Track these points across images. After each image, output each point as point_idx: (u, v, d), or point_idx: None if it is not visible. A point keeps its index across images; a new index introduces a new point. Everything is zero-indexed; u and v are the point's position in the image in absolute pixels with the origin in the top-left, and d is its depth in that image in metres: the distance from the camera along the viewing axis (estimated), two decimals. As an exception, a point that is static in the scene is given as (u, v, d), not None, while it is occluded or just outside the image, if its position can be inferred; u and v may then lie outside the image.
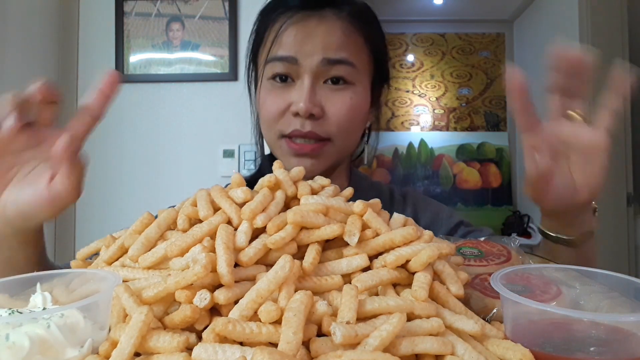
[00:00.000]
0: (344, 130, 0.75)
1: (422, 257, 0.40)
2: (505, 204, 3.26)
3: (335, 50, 0.73)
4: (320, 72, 0.73)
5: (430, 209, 0.88)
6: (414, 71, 3.42)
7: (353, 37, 0.75)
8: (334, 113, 0.73)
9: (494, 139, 3.33)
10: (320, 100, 0.73)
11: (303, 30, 0.73)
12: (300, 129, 0.72)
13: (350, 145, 0.81)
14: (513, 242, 0.59)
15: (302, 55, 0.72)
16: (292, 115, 0.73)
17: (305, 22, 0.73)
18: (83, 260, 0.51)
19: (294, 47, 0.73)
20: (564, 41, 0.52)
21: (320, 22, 0.73)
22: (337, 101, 0.73)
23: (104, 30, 1.93)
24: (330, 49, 0.72)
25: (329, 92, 0.74)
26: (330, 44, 0.73)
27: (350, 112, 0.74)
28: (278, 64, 0.74)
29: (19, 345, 0.32)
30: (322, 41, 0.72)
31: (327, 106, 0.73)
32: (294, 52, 0.73)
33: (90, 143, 0.54)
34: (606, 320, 0.38)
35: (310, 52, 0.72)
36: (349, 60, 0.73)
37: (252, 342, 0.33)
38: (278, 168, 0.50)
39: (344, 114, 0.74)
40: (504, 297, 0.38)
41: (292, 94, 0.73)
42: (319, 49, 0.72)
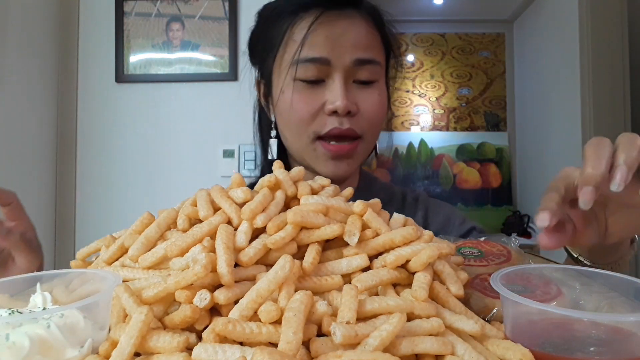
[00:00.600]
0: (374, 127, 0.77)
1: (422, 257, 0.40)
2: (505, 204, 3.26)
3: (365, 50, 0.73)
4: (350, 71, 0.73)
5: (443, 213, 0.87)
6: (414, 71, 3.42)
7: (375, 36, 0.77)
8: (366, 110, 0.74)
9: (494, 139, 3.33)
10: (353, 97, 0.73)
11: (334, 31, 0.72)
12: (340, 127, 0.72)
13: (374, 142, 0.82)
14: (513, 242, 0.59)
15: (334, 55, 0.72)
16: (327, 115, 0.72)
17: (336, 23, 0.73)
18: (83, 260, 0.51)
19: (326, 47, 0.72)
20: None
21: (351, 22, 0.73)
22: (368, 98, 0.74)
23: (104, 30, 1.92)
24: (360, 49, 0.73)
25: (359, 90, 0.74)
26: (360, 44, 0.73)
27: (380, 109, 0.76)
28: (309, 65, 0.72)
29: (19, 345, 0.32)
30: (353, 41, 0.72)
31: (360, 103, 0.74)
32: (326, 52, 0.72)
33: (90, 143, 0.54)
34: (606, 320, 0.38)
35: (343, 53, 0.72)
36: (377, 60, 0.75)
37: (252, 342, 0.33)
38: (278, 168, 0.50)
39: (376, 110, 0.75)
40: (503, 297, 0.38)
41: (325, 93, 0.73)
42: (351, 49, 0.72)
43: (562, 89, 2.52)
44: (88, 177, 1.90)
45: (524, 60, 3.18)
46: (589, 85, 2.23)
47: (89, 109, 1.92)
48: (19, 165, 1.65)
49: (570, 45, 2.36)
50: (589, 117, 2.23)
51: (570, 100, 2.37)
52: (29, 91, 1.73)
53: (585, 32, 2.24)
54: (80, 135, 1.90)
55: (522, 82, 3.23)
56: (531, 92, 3.03)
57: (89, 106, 1.92)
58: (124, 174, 1.92)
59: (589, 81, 2.22)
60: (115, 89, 1.93)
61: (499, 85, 3.38)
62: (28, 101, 1.72)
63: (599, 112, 2.21)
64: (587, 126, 2.24)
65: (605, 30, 2.21)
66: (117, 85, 1.93)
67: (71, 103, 1.90)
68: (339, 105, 0.71)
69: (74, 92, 1.91)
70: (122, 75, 1.92)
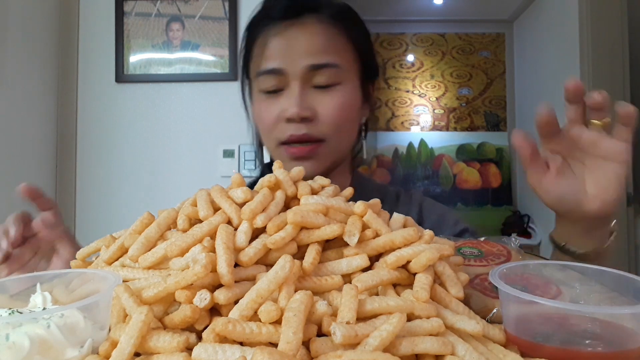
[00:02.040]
0: (337, 130, 0.77)
1: (422, 260, 0.40)
2: (505, 204, 3.26)
3: (319, 55, 0.75)
4: (307, 78, 0.75)
5: (437, 212, 0.88)
6: (414, 71, 3.42)
7: (336, 39, 0.77)
8: (325, 114, 0.75)
9: (494, 139, 3.33)
10: (310, 103, 0.75)
11: (285, 41, 0.76)
12: (295, 133, 0.75)
13: (345, 144, 0.82)
14: (513, 242, 0.59)
15: (287, 64, 0.75)
16: (286, 122, 0.75)
17: (287, 32, 0.76)
18: (83, 260, 0.51)
19: (279, 58, 0.75)
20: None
21: (302, 29, 0.76)
22: (326, 102, 0.76)
23: (104, 30, 1.92)
24: (313, 54, 0.75)
25: (318, 94, 0.76)
26: (313, 49, 0.75)
27: (341, 111, 0.76)
28: (267, 77, 0.76)
29: (19, 345, 0.32)
30: (305, 48, 0.75)
31: (318, 108, 0.75)
32: (279, 63, 0.75)
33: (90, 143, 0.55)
34: (603, 313, 0.39)
35: (295, 60, 0.75)
36: (334, 63, 0.75)
37: (252, 342, 0.33)
38: (278, 168, 0.50)
39: (335, 113, 0.76)
40: (502, 292, 0.38)
41: (283, 101, 0.76)
42: (303, 56, 0.75)
43: (562, 89, 2.51)
44: (88, 177, 1.90)
45: (524, 60, 3.18)
46: (589, 85, 2.22)
47: (89, 109, 1.92)
48: (19, 165, 1.65)
49: (570, 45, 2.36)
50: (589, 117, 2.23)
51: (570, 100, 2.37)
52: (29, 91, 1.73)
53: (585, 32, 2.24)
54: (80, 135, 1.90)
55: (522, 82, 3.23)
56: (531, 92, 3.03)
57: (89, 106, 1.92)
58: (124, 173, 1.92)
59: (589, 81, 2.22)
60: (115, 89, 1.93)
61: (499, 85, 3.38)
62: (28, 101, 1.72)
63: (599, 112, 2.21)
64: (587, 126, 2.24)
65: (605, 30, 2.21)
66: (117, 85, 1.92)
67: (71, 103, 1.90)
68: (293, 113, 0.74)
69: (74, 92, 1.91)
70: (122, 75, 1.92)
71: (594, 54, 2.21)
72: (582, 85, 0.54)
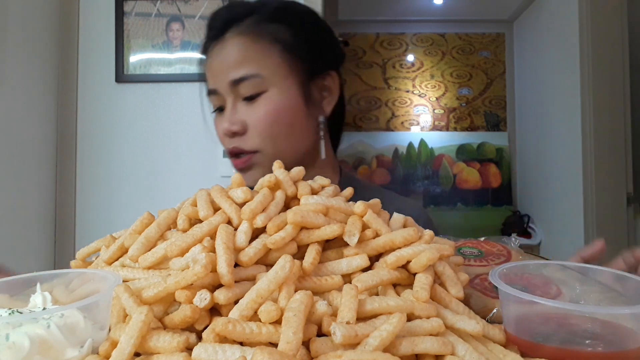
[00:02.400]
0: (268, 138, 0.78)
1: (422, 260, 0.40)
2: (505, 204, 3.25)
3: (237, 69, 0.77)
4: (235, 93, 0.78)
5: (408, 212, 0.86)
6: (414, 71, 3.42)
7: (255, 46, 0.78)
8: (253, 125, 0.77)
9: (494, 139, 3.33)
10: (240, 116, 0.78)
11: (211, 62, 0.80)
12: (228, 147, 0.80)
13: (289, 150, 0.80)
14: (513, 242, 0.59)
15: (217, 84, 0.79)
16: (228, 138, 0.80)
17: (213, 52, 0.80)
18: (83, 260, 0.51)
19: (211, 78, 0.80)
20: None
21: (222, 47, 0.79)
22: (253, 113, 0.77)
23: (104, 30, 1.92)
24: (231, 69, 0.77)
25: (246, 107, 0.78)
26: (231, 65, 0.77)
27: (269, 119, 0.77)
28: (210, 98, 0.83)
29: (19, 345, 0.32)
30: (224, 65, 0.78)
31: (248, 120, 0.78)
32: (212, 84, 0.80)
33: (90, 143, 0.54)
34: (603, 313, 0.39)
35: (220, 78, 0.78)
36: (252, 73, 0.76)
37: (252, 342, 0.33)
38: (278, 168, 0.50)
39: (262, 123, 0.77)
40: (502, 292, 0.38)
41: (222, 118, 0.80)
42: (224, 73, 0.78)
43: (562, 89, 2.52)
44: (88, 177, 1.90)
45: (524, 60, 3.18)
46: (589, 85, 2.22)
47: (89, 109, 1.92)
48: (19, 165, 1.65)
49: (570, 45, 2.36)
50: (588, 117, 2.23)
51: (570, 100, 2.37)
52: (29, 91, 1.73)
53: (585, 32, 2.24)
54: (80, 135, 1.90)
55: (522, 82, 3.23)
56: (531, 92, 3.03)
57: (89, 106, 1.92)
58: (124, 173, 1.92)
59: (589, 81, 2.22)
60: (115, 89, 1.92)
61: (499, 85, 3.38)
62: (28, 101, 1.72)
63: (599, 112, 2.21)
64: (587, 126, 2.24)
65: (605, 30, 2.21)
66: (117, 85, 1.92)
67: (71, 103, 1.90)
68: (224, 129, 0.78)
69: (74, 92, 1.91)
70: (122, 75, 1.92)
71: (594, 54, 2.21)
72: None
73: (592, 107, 2.21)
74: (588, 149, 2.24)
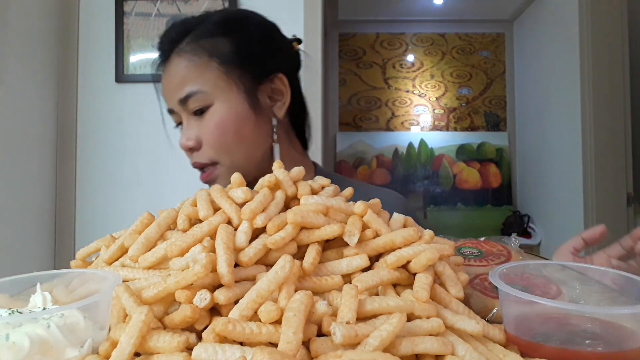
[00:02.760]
0: (221, 149, 0.80)
1: (422, 260, 0.40)
2: (505, 204, 3.25)
3: (181, 87, 0.79)
4: (185, 110, 0.80)
5: None
6: (414, 71, 3.42)
7: (192, 63, 0.79)
8: (205, 139, 0.80)
9: (494, 139, 3.33)
10: (194, 132, 0.80)
11: (163, 82, 0.84)
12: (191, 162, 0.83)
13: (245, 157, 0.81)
14: (513, 242, 0.59)
15: (170, 103, 0.82)
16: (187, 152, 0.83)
17: (163, 75, 0.84)
18: (83, 260, 0.51)
19: (166, 99, 0.84)
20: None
21: (167, 70, 0.82)
22: (204, 127, 0.79)
23: (104, 30, 1.92)
24: (176, 90, 0.80)
25: (197, 122, 0.80)
26: (176, 85, 0.80)
27: (217, 132, 0.79)
28: (171, 115, 0.85)
29: (19, 345, 0.32)
30: (169, 87, 0.81)
31: (200, 135, 0.80)
32: (168, 104, 0.84)
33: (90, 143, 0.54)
34: (602, 313, 0.39)
35: (171, 99, 0.81)
36: (194, 90, 0.78)
37: (252, 342, 0.33)
38: (278, 168, 0.50)
39: (212, 136, 0.79)
40: (502, 292, 0.38)
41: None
42: (171, 94, 0.81)
43: (562, 89, 2.52)
44: (88, 177, 1.90)
45: (524, 60, 3.18)
46: (589, 85, 2.22)
47: (89, 109, 1.92)
48: (19, 165, 1.65)
49: (570, 45, 2.36)
50: (589, 117, 2.23)
51: (570, 100, 2.37)
52: (29, 91, 1.73)
53: (585, 32, 2.24)
54: (80, 135, 1.90)
55: (522, 82, 3.23)
56: (531, 92, 3.03)
57: (89, 106, 1.92)
58: (124, 173, 1.92)
59: (589, 81, 2.22)
60: (115, 89, 1.92)
61: (499, 85, 3.38)
62: (28, 101, 1.72)
63: (599, 112, 2.21)
64: (587, 126, 2.24)
65: (605, 30, 2.21)
66: (117, 85, 1.92)
67: (71, 103, 1.90)
68: (181, 145, 0.82)
69: (74, 92, 1.91)
70: (122, 75, 1.92)
71: (594, 54, 2.21)
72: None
73: (592, 107, 2.21)
74: (588, 149, 2.24)
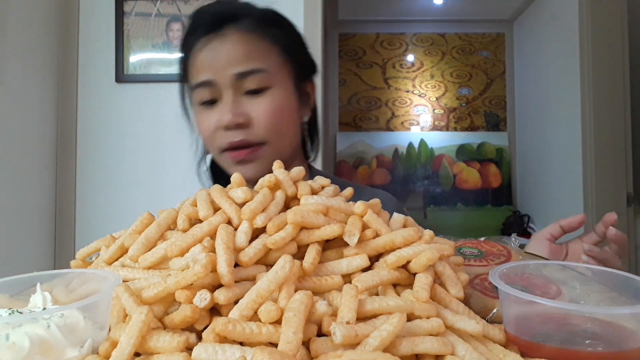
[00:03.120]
0: (275, 132, 0.79)
1: (422, 260, 0.40)
2: (505, 204, 3.25)
3: (245, 63, 0.77)
4: (237, 86, 0.78)
5: None
6: (414, 71, 3.42)
7: (258, 44, 0.79)
8: (259, 118, 0.78)
9: (494, 139, 3.33)
10: (244, 109, 0.78)
11: (211, 53, 0.79)
12: (233, 140, 0.78)
13: (287, 144, 0.83)
14: (513, 242, 0.59)
15: (216, 75, 0.78)
16: (224, 130, 0.78)
17: (211, 44, 0.79)
18: (83, 260, 0.51)
19: (208, 70, 0.79)
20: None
21: (223, 40, 0.79)
22: (259, 107, 0.78)
23: (104, 30, 1.92)
24: (238, 63, 0.77)
25: (250, 100, 0.78)
26: (237, 59, 0.77)
27: (276, 113, 0.79)
28: (201, 89, 0.80)
29: (19, 345, 0.32)
30: (228, 58, 0.78)
31: (252, 113, 0.78)
32: (209, 75, 0.78)
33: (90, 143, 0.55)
34: (602, 313, 0.39)
35: (222, 70, 0.78)
36: (259, 68, 0.78)
37: (252, 342, 0.33)
38: (278, 168, 0.50)
39: (270, 116, 0.78)
40: (502, 292, 0.38)
41: (218, 111, 0.79)
42: (229, 66, 0.77)
43: (562, 89, 2.52)
44: (88, 177, 1.90)
45: (524, 60, 3.18)
46: (589, 85, 2.22)
47: (89, 109, 1.92)
48: (19, 165, 1.65)
49: (570, 45, 2.36)
50: (589, 117, 2.23)
51: (570, 100, 2.37)
52: (29, 91, 1.73)
53: (585, 32, 2.24)
54: (80, 135, 1.90)
55: (522, 82, 3.23)
56: (531, 92, 3.03)
57: (89, 106, 1.92)
58: (124, 173, 1.92)
59: (589, 81, 2.22)
60: (115, 89, 1.92)
61: (499, 85, 3.38)
62: (28, 101, 1.72)
63: (599, 112, 2.21)
64: (587, 126, 2.24)
65: (605, 30, 2.21)
66: (117, 85, 1.92)
67: (71, 103, 1.90)
68: (227, 121, 0.77)
69: (74, 92, 1.91)
70: (122, 75, 1.92)
71: (594, 54, 2.21)
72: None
73: (592, 107, 2.21)
74: (588, 149, 2.24)
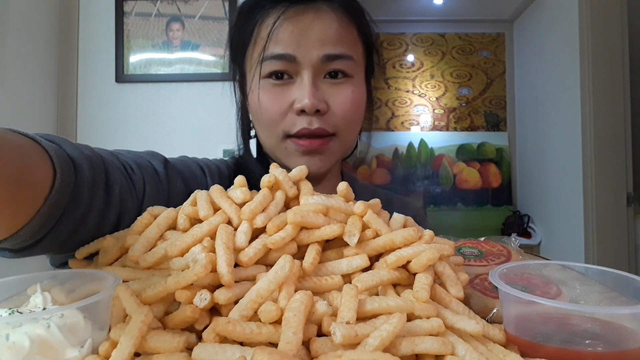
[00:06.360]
0: (348, 124, 0.73)
1: (422, 260, 0.40)
2: (505, 204, 3.25)
3: (334, 45, 0.70)
4: (320, 68, 0.70)
5: None
6: (414, 71, 3.42)
7: (349, 30, 0.72)
8: (338, 107, 0.71)
9: (494, 139, 3.33)
10: (322, 95, 0.70)
11: (299, 26, 0.69)
12: (308, 127, 0.70)
13: (352, 140, 0.78)
14: (513, 242, 0.59)
15: (300, 52, 0.69)
16: (296, 114, 0.70)
17: (301, 17, 0.70)
18: (82, 260, 0.51)
19: (292, 44, 0.69)
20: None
21: (317, 16, 0.70)
22: (339, 95, 0.71)
23: (104, 30, 1.92)
24: (329, 44, 0.70)
25: (330, 86, 0.71)
26: (329, 39, 0.70)
27: (354, 105, 0.73)
28: (275, 62, 0.70)
29: (19, 345, 0.32)
30: (320, 36, 0.69)
31: (331, 101, 0.71)
32: (292, 49, 0.69)
33: (90, 143, 0.55)
34: (602, 314, 0.39)
35: (309, 48, 0.69)
36: (348, 54, 0.71)
37: (252, 342, 0.33)
38: (276, 168, 0.50)
39: (348, 107, 0.72)
40: (502, 292, 0.38)
41: (293, 91, 0.70)
42: (318, 45, 0.69)
43: (562, 89, 2.52)
44: (88, 177, 1.90)
45: (524, 60, 3.18)
46: (589, 85, 2.22)
47: (89, 109, 1.92)
48: (19, 165, 1.65)
49: (570, 45, 2.36)
50: (589, 117, 2.23)
51: (570, 100, 2.37)
52: (29, 91, 1.73)
53: (585, 32, 2.24)
54: (80, 135, 1.90)
55: (522, 82, 3.23)
56: (531, 92, 3.03)
57: (89, 106, 1.92)
58: (124, 174, 1.92)
59: (589, 81, 2.22)
60: (115, 89, 1.93)
61: (499, 85, 3.38)
62: (28, 101, 1.72)
63: (599, 112, 2.21)
64: (587, 126, 2.24)
65: (605, 30, 2.21)
66: (117, 85, 1.92)
67: (71, 103, 1.90)
68: (307, 104, 0.68)
69: (74, 92, 1.91)
70: (122, 75, 1.92)
71: (594, 54, 2.21)
72: None
73: (592, 107, 2.21)
74: (588, 149, 2.24)
